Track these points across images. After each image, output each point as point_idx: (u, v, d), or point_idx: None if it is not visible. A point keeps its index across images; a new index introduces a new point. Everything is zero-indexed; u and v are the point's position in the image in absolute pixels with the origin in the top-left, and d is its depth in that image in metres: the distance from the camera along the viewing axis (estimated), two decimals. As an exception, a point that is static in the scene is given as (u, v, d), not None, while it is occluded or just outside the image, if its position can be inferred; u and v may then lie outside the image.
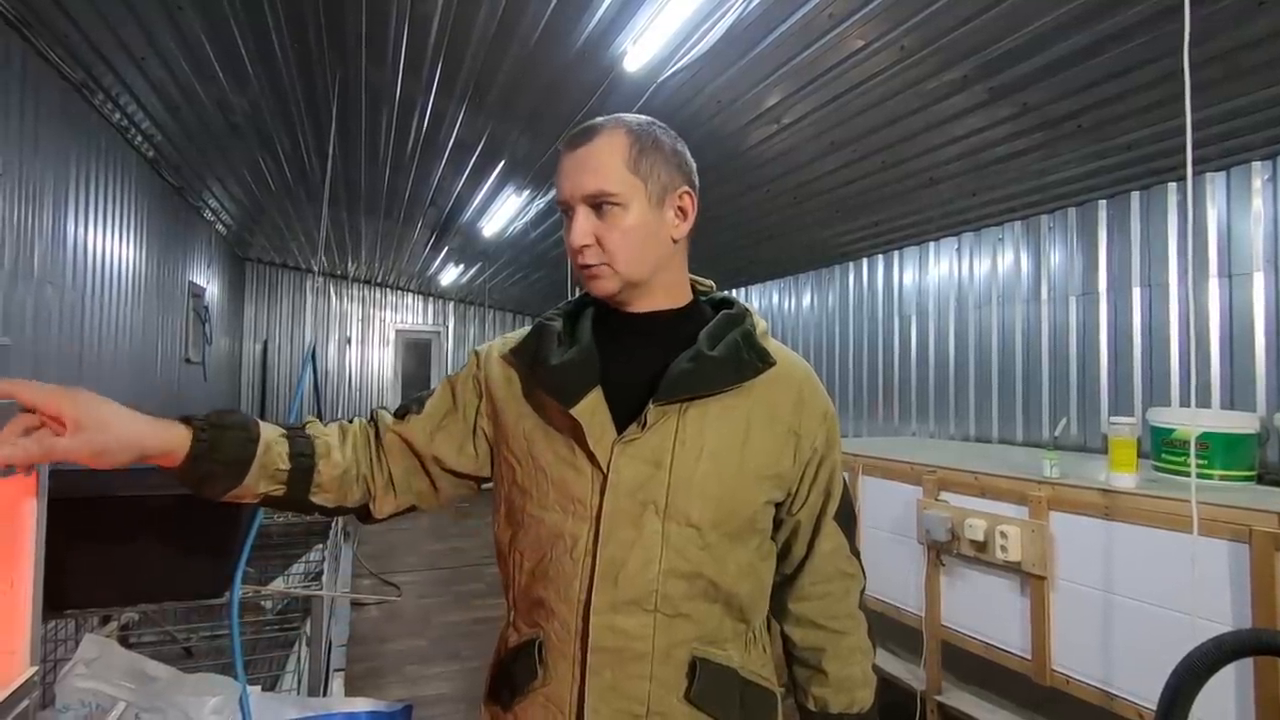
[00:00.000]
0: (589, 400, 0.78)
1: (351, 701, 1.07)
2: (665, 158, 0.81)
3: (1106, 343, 2.81)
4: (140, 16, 2.59)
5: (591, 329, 0.86)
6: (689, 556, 0.76)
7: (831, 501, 0.87)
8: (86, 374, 3.26)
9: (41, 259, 2.82)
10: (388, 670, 3.17)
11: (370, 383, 8.17)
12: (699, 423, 0.78)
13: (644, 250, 0.80)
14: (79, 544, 0.96)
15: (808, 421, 0.83)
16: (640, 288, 0.82)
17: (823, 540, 0.86)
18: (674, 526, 0.76)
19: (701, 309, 0.89)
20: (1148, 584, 1.75)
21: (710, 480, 0.77)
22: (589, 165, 0.78)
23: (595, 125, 0.81)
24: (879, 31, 2.12)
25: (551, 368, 0.81)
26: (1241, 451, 1.95)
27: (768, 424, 0.81)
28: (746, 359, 0.80)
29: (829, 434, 0.86)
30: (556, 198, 0.82)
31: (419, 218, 5.26)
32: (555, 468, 0.79)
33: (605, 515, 0.76)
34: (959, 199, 3.15)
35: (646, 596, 0.75)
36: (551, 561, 0.78)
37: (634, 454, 0.76)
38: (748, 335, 0.83)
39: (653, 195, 0.80)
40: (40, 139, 2.76)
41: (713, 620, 0.78)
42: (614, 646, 0.75)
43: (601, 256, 0.79)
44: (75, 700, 0.91)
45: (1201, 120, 2.10)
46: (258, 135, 3.82)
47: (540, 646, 0.78)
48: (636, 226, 0.78)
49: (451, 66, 2.84)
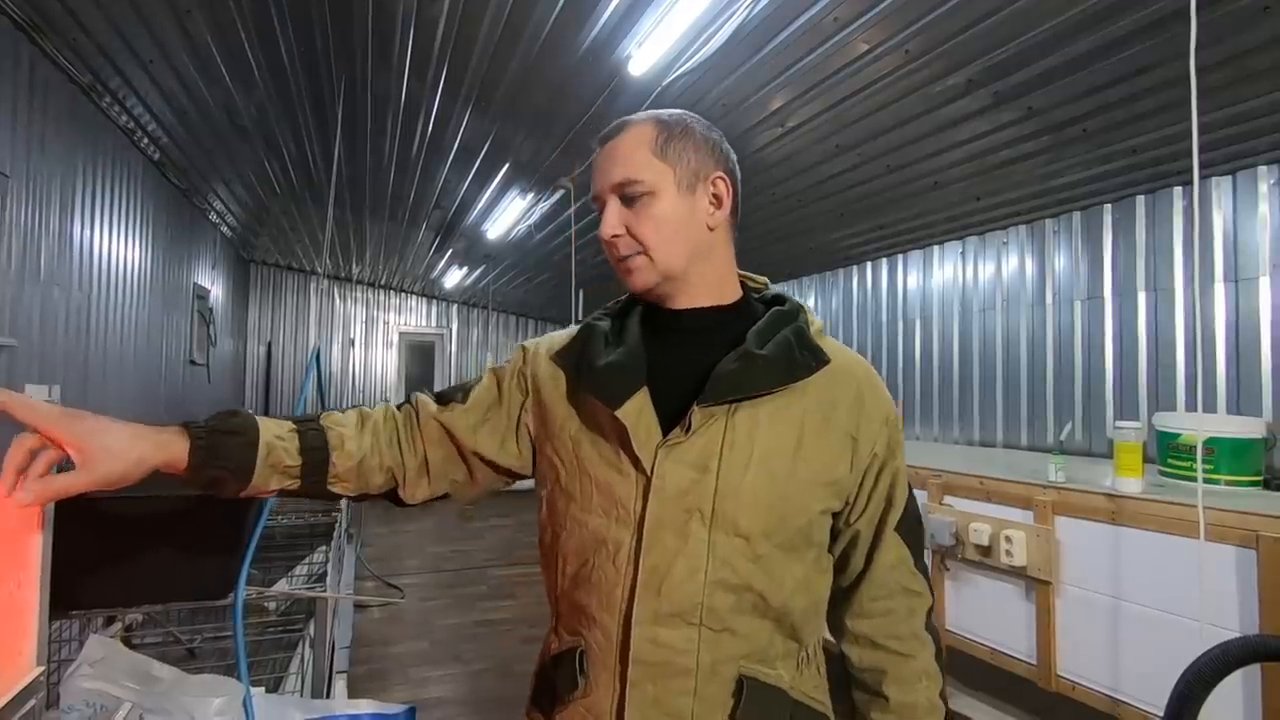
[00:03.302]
0: (634, 402, 0.75)
1: (355, 704, 1.07)
2: (695, 143, 0.78)
3: (1112, 347, 2.80)
4: (148, 20, 2.61)
5: (639, 329, 0.83)
6: (737, 568, 0.72)
7: (894, 511, 0.81)
8: (92, 375, 3.27)
9: (48, 260, 2.83)
10: (391, 672, 3.17)
11: (374, 384, 8.18)
12: (748, 426, 0.74)
13: (677, 238, 0.77)
14: (84, 545, 0.96)
15: (867, 424, 0.78)
16: (679, 280, 0.79)
17: (884, 552, 0.80)
18: (721, 536, 0.72)
19: (752, 307, 0.85)
20: (1154, 589, 1.74)
21: (760, 487, 0.73)
22: (617, 157, 0.77)
23: (626, 120, 0.80)
24: (884, 35, 2.12)
25: (597, 369, 0.78)
26: (1248, 456, 1.94)
27: (823, 427, 0.76)
28: (799, 358, 0.76)
29: (891, 438, 0.80)
30: (591, 195, 0.81)
31: (423, 220, 5.27)
32: (600, 471, 0.77)
33: (648, 521, 0.72)
34: (964, 203, 3.14)
35: (691, 609, 0.71)
36: (594, 568, 0.75)
37: (679, 458, 0.73)
38: (800, 333, 0.78)
39: (682, 181, 0.77)
40: (48, 141, 2.77)
41: (762, 637, 0.74)
42: (656, 660, 0.71)
43: (634, 247, 0.77)
44: (80, 701, 0.91)
45: (1207, 124, 2.09)
46: (264, 138, 3.84)
47: (582, 656, 0.76)
48: (667, 213, 0.76)
49: (457, 69, 2.85)
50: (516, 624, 3.84)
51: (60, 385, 0.69)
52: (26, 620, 0.67)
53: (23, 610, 0.66)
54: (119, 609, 1.20)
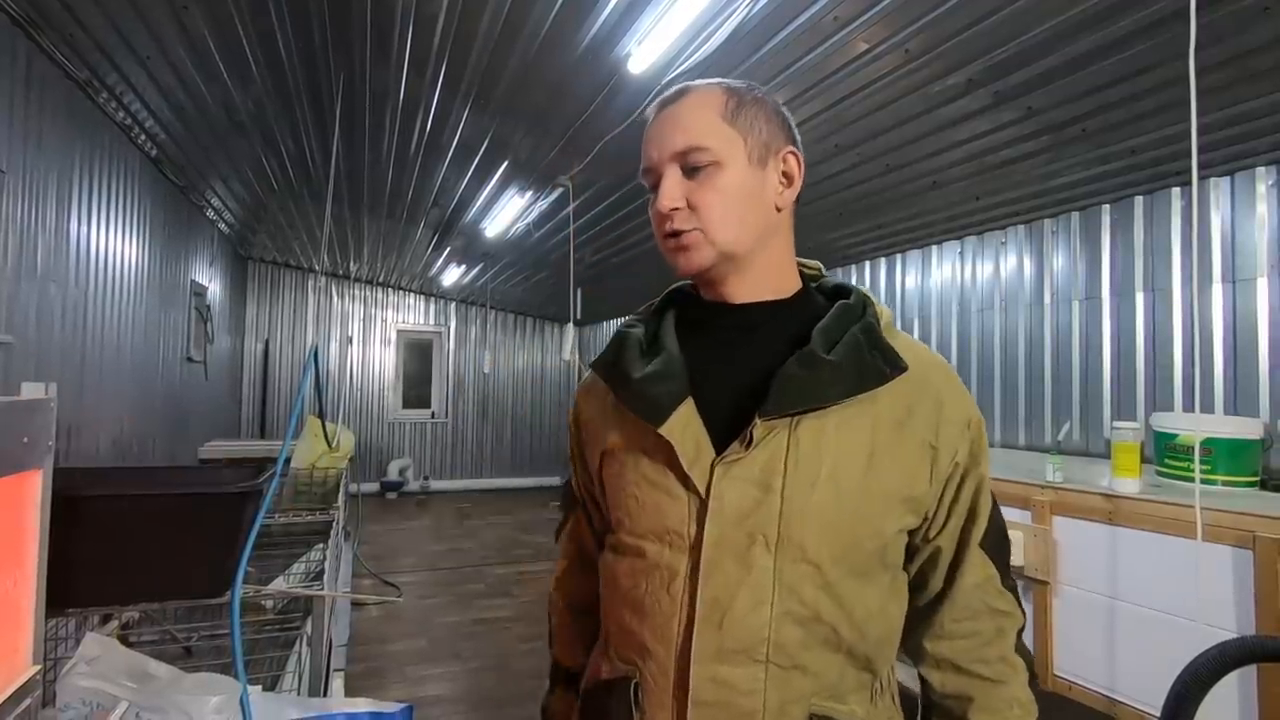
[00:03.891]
0: (679, 415, 0.68)
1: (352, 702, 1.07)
2: (768, 112, 0.71)
3: (1110, 347, 2.81)
4: (145, 16, 2.60)
5: (676, 332, 0.76)
6: (806, 598, 0.65)
7: (977, 525, 0.73)
8: (89, 372, 3.26)
9: (45, 257, 2.82)
10: (388, 671, 3.17)
11: (371, 382, 8.17)
12: (815, 439, 0.66)
13: (744, 215, 0.69)
14: (81, 543, 0.96)
15: (947, 430, 0.69)
16: (738, 264, 0.71)
17: (967, 571, 0.72)
18: (788, 563, 0.65)
19: (812, 299, 0.76)
20: (1151, 589, 1.74)
21: (829, 507, 0.65)
22: (680, 121, 0.69)
23: (690, 84, 0.72)
24: (884, 35, 2.11)
25: (634, 381, 0.71)
26: (1245, 457, 1.95)
27: (897, 437, 0.68)
28: (870, 362, 0.67)
29: (974, 445, 0.71)
30: (641, 168, 0.72)
31: (422, 218, 5.26)
32: (646, 493, 0.70)
33: (706, 548, 0.66)
34: (962, 203, 3.14)
35: (757, 646, 0.64)
36: (647, 594, 0.69)
37: (739, 475, 0.66)
38: (870, 331, 0.70)
39: (753, 152, 0.69)
40: (44, 137, 2.76)
41: (833, 672, 0.67)
42: (717, 700, 0.65)
43: (693, 221, 0.68)
44: (76, 699, 0.91)
45: (1206, 125, 2.09)
46: (261, 134, 3.83)
47: (637, 688, 0.69)
48: (735, 186, 0.68)
49: (456, 67, 2.85)
50: (514, 622, 3.84)
51: (57, 383, 0.69)
52: (22, 618, 0.67)
53: (19, 608, 0.66)
54: (115, 607, 1.20)
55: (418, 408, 8.50)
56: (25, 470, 0.66)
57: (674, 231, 0.69)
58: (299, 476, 2.34)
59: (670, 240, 0.70)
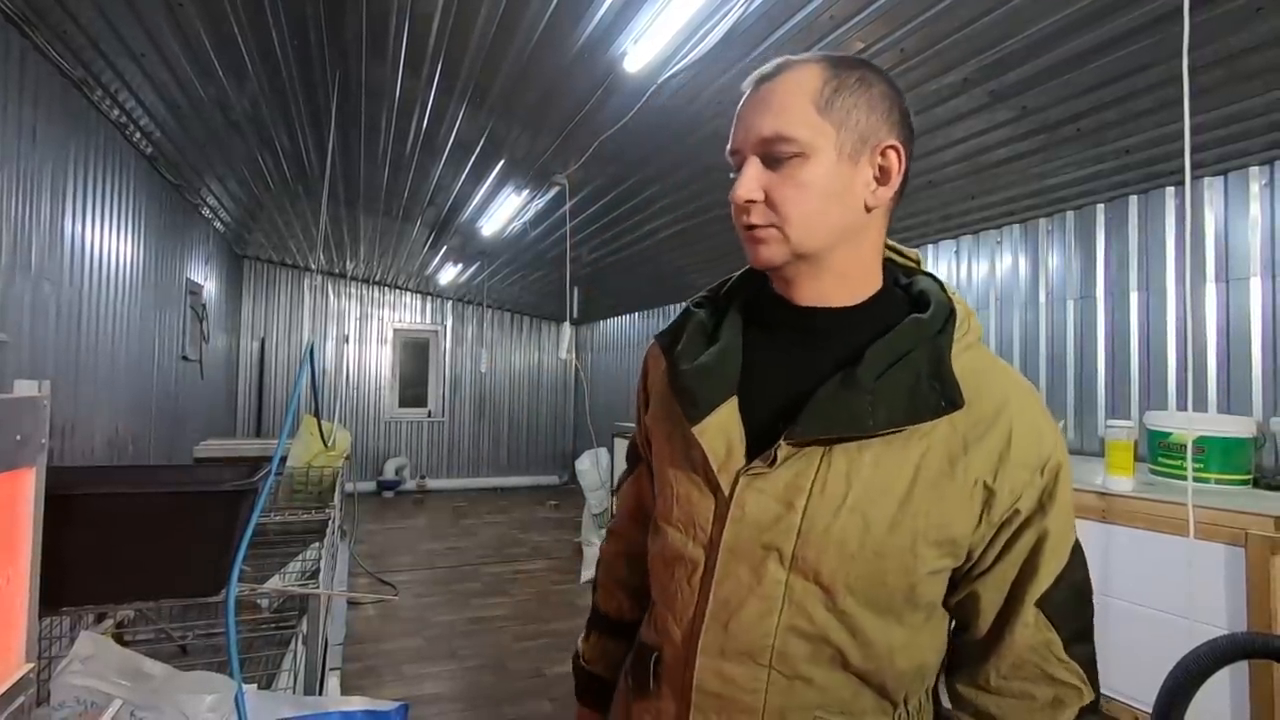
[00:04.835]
0: (719, 415, 0.67)
1: (347, 700, 1.07)
2: (871, 99, 0.65)
3: (1104, 346, 2.82)
4: (140, 13, 2.59)
5: (743, 322, 0.73)
6: (815, 619, 0.63)
7: (1037, 581, 0.64)
8: (83, 370, 3.25)
9: (39, 255, 2.81)
10: (384, 669, 3.17)
11: (368, 381, 8.16)
12: (846, 467, 0.63)
13: (824, 212, 0.64)
14: (75, 541, 0.96)
15: (1012, 471, 0.62)
16: (814, 264, 0.67)
17: (1019, 628, 0.64)
18: (799, 581, 0.64)
19: (889, 306, 0.69)
20: (1144, 587, 1.75)
21: (851, 537, 0.62)
22: (770, 105, 0.64)
23: (788, 59, 0.66)
24: (879, 34, 2.12)
25: (683, 371, 0.70)
26: (1237, 455, 1.96)
27: (946, 473, 0.62)
28: (925, 393, 0.62)
29: (1045, 490, 0.63)
30: (729, 149, 0.68)
31: (418, 216, 5.25)
32: (681, 484, 0.71)
33: (723, 550, 0.66)
34: (958, 202, 3.15)
35: (760, 651, 0.64)
36: (673, 580, 0.71)
37: (761, 488, 0.64)
38: (937, 357, 0.64)
39: (845, 145, 0.64)
40: (39, 135, 2.75)
41: (845, 690, 0.65)
42: (718, 692, 0.66)
43: (769, 216, 0.64)
44: (70, 698, 0.91)
45: (1199, 125, 2.10)
46: (257, 133, 3.82)
47: (658, 661, 0.73)
48: (818, 181, 0.63)
49: (452, 65, 2.84)
50: (510, 620, 3.84)
51: (51, 381, 0.69)
52: (15, 616, 0.67)
53: (11, 606, 0.66)
54: (110, 605, 1.20)
55: (414, 406, 8.49)
56: (18, 468, 0.66)
57: (750, 225, 0.66)
58: (295, 475, 2.34)
59: (746, 232, 0.67)
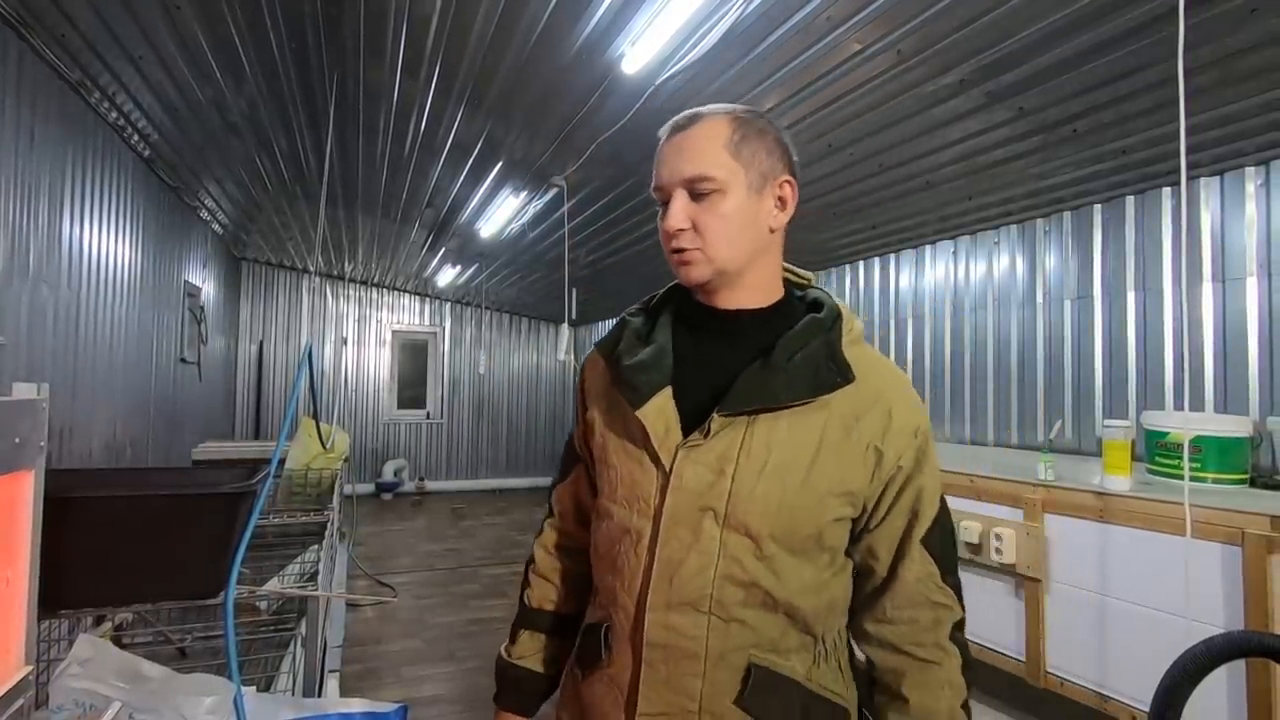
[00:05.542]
0: (656, 401, 0.80)
1: (346, 702, 1.07)
2: (768, 145, 0.80)
3: (1101, 346, 2.82)
4: (137, 15, 2.59)
5: (671, 326, 0.87)
6: (746, 566, 0.75)
7: (919, 522, 0.80)
8: (81, 373, 3.25)
9: (37, 258, 2.81)
10: (383, 671, 3.16)
11: (366, 383, 8.16)
12: (766, 436, 0.76)
13: (740, 237, 0.79)
14: (74, 543, 0.96)
15: (894, 438, 0.78)
16: (731, 278, 0.81)
17: (908, 565, 0.80)
18: (732, 535, 0.76)
19: (790, 309, 0.85)
20: (1141, 586, 1.75)
21: (772, 494, 0.75)
22: (689, 150, 0.78)
23: (698, 112, 0.80)
24: (876, 35, 2.12)
25: (625, 366, 0.83)
26: (1234, 455, 1.96)
27: (843, 439, 0.77)
28: (824, 374, 0.77)
29: (920, 451, 0.80)
30: (653, 185, 0.82)
31: (416, 218, 5.25)
32: (624, 464, 0.82)
33: (665, 515, 0.77)
34: (955, 203, 3.16)
35: (701, 599, 0.75)
36: (620, 553, 0.81)
37: (696, 459, 0.77)
38: (831, 345, 0.79)
39: (753, 182, 0.78)
40: (36, 138, 2.75)
41: (773, 629, 0.77)
42: (666, 643, 0.76)
43: (696, 242, 0.78)
44: (69, 700, 0.91)
45: (1195, 125, 2.11)
46: (255, 135, 3.82)
47: (607, 631, 0.82)
48: (734, 213, 0.78)
49: (450, 67, 2.85)
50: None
51: (49, 384, 0.69)
52: (14, 619, 0.67)
53: (10, 609, 0.66)
54: (109, 608, 1.20)
55: (413, 408, 8.49)
56: (16, 471, 0.66)
57: (679, 249, 0.79)
58: (294, 477, 2.34)
59: (675, 255, 0.80)
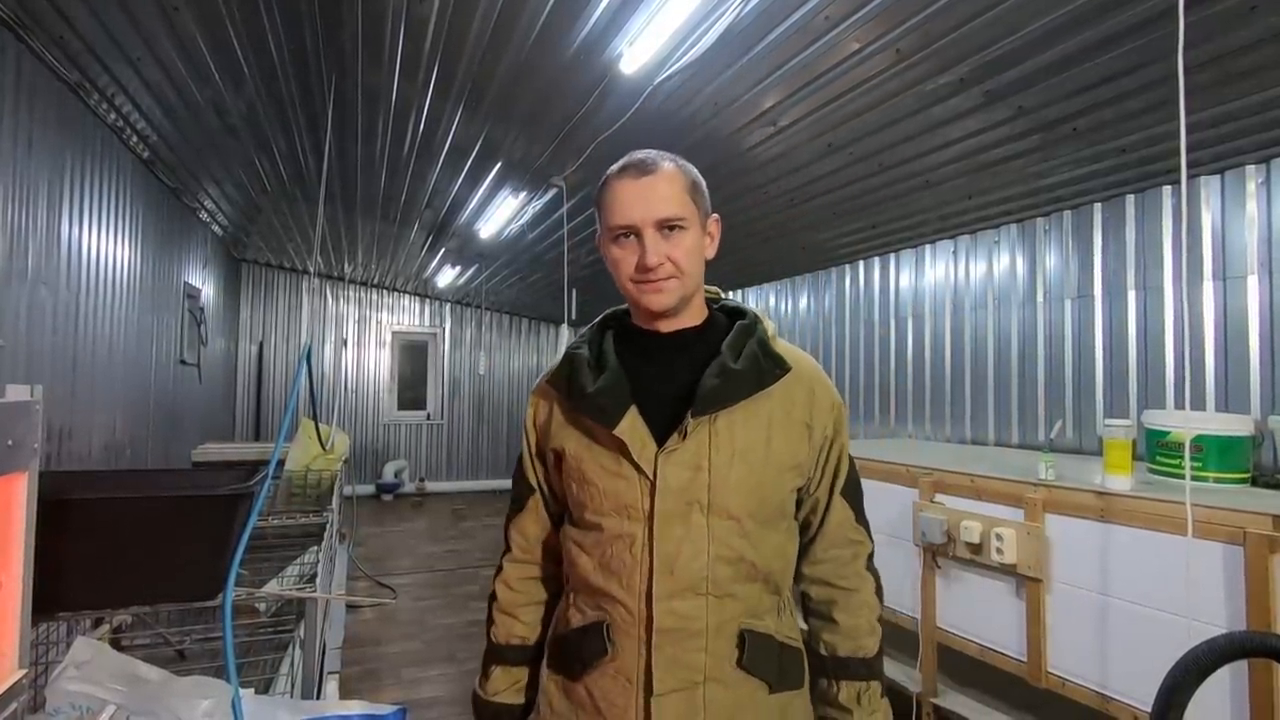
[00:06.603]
0: (627, 419, 0.90)
1: (346, 704, 1.07)
2: (705, 191, 0.96)
3: (1102, 345, 2.82)
4: (136, 17, 2.59)
5: (615, 352, 0.97)
6: (732, 545, 0.88)
7: (840, 478, 0.98)
8: (80, 375, 3.24)
9: (36, 260, 2.81)
10: (383, 673, 3.16)
11: (366, 384, 8.16)
12: (729, 428, 0.90)
13: (696, 268, 0.93)
14: (70, 546, 0.95)
15: (819, 414, 0.95)
16: (685, 301, 0.94)
17: (832, 513, 0.98)
18: (717, 520, 0.88)
19: (717, 320, 1.00)
20: (1143, 586, 1.75)
21: (743, 477, 0.89)
22: (659, 194, 0.89)
23: (652, 161, 0.92)
24: (875, 34, 2.12)
25: (589, 395, 0.92)
26: (1236, 454, 1.95)
27: (786, 421, 0.93)
28: (765, 368, 0.92)
29: (837, 421, 0.98)
30: (616, 222, 0.91)
31: (415, 219, 5.25)
32: (605, 480, 0.91)
33: (657, 516, 0.87)
34: (955, 202, 3.15)
35: (699, 583, 0.87)
36: (613, 557, 0.90)
37: (677, 461, 0.88)
38: (763, 344, 0.94)
39: (700, 220, 0.94)
40: (35, 139, 2.75)
41: (754, 597, 0.91)
42: (674, 627, 0.87)
43: (673, 271, 0.90)
44: (66, 703, 0.90)
45: (1195, 124, 2.10)
46: (254, 136, 3.82)
47: (608, 628, 0.90)
48: (694, 247, 0.92)
49: (448, 68, 2.84)
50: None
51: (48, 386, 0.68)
52: (8, 622, 0.66)
53: (4, 612, 0.66)
54: (107, 610, 1.19)
55: (413, 409, 8.48)
56: (10, 473, 0.66)
57: (654, 279, 0.90)
58: (293, 478, 2.33)
59: (647, 285, 0.91)
